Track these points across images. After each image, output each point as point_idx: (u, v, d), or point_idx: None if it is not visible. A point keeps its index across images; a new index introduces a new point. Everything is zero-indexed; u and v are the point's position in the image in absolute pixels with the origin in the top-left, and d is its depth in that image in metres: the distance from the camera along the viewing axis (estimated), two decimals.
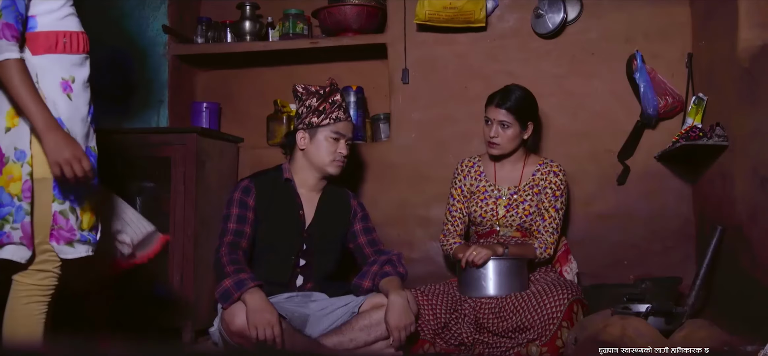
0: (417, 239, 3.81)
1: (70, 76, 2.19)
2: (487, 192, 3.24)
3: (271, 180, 3.07)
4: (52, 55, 2.15)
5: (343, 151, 3.05)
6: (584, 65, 3.69)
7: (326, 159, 3.02)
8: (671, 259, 3.59)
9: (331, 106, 3.03)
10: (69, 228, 2.16)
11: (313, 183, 3.09)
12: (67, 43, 2.18)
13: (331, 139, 3.02)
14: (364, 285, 2.96)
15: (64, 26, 2.18)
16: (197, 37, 4.04)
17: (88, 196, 2.23)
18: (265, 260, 2.99)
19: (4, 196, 2.10)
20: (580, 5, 3.68)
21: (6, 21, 2.05)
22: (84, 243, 2.21)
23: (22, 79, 2.04)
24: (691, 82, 3.52)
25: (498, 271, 2.97)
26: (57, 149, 2.05)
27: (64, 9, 2.19)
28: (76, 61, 2.21)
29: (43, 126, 2.05)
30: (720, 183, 3.16)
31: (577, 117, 3.70)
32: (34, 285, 2.16)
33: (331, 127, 3.02)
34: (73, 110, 2.18)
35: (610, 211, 3.65)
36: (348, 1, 3.81)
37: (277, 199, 3.03)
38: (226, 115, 4.21)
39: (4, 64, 2.04)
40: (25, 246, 2.11)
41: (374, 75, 4.11)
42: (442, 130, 3.80)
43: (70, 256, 2.19)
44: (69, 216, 2.17)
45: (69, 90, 2.18)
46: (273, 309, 2.65)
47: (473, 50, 3.79)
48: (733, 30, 2.95)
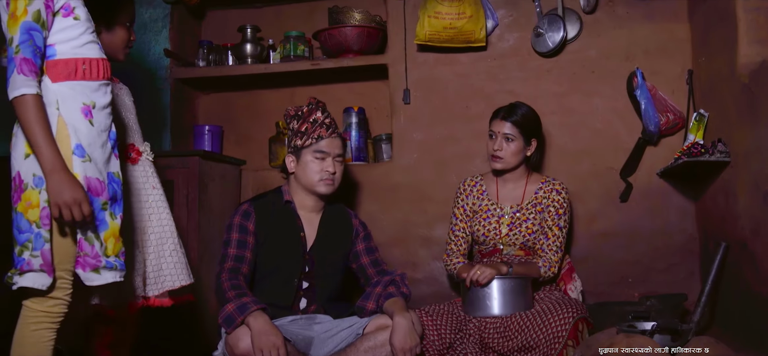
0: (420, 259, 3.81)
1: (91, 101, 2.21)
2: (489, 210, 3.24)
3: (271, 202, 3.07)
4: (71, 81, 2.17)
5: (329, 168, 3.00)
6: (585, 83, 3.71)
7: (314, 178, 3.01)
8: (675, 276, 3.59)
9: (312, 126, 3.02)
10: (94, 255, 2.18)
11: (311, 204, 3.08)
12: (87, 70, 2.20)
13: (316, 159, 3.00)
14: (368, 307, 2.94)
15: (83, 53, 2.20)
16: (199, 61, 4.06)
17: (113, 220, 2.25)
18: (268, 283, 2.97)
19: (23, 223, 2.11)
20: (579, 24, 3.70)
21: (24, 56, 2.07)
22: (110, 269, 2.22)
23: (36, 116, 2.06)
24: (692, 99, 3.52)
25: (502, 290, 2.96)
26: (58, 191, 2.06)
27: (84, 37, 2.21)
28: (95, 87, 2.23)
29: (49, 166, 2.06)
30: (723, 199, 3.16)
31: (578, 135, 3.70)
32: (43, 311, 2.16)
33: (313, 147, 3.01)
34: (94, 136, 2.20)
35: (614, 229, 3.65)
36: (348, 23, 3.83)
37: (278, 222, 3.03)
38: (228, 138, 4.23)
39: (21, 99, 2.05)
40: (46, 273, 2.11)
41: (375, 95, 4.13)
42: (444, 149, 3.81)
43: (96, 283, 2.20)
44: (94, 242, 2.18)
45: (90, 116, 2.20)
46: (278, 332, 2.64)
47: (474, 70, 3.81)
48: (732, 46, 2.97)
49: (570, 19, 3.70)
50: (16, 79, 2.05)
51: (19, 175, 2.13)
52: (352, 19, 3.84)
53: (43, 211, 2.10)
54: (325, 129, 3.01)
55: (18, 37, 2.06)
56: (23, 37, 2.07)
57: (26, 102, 2.05)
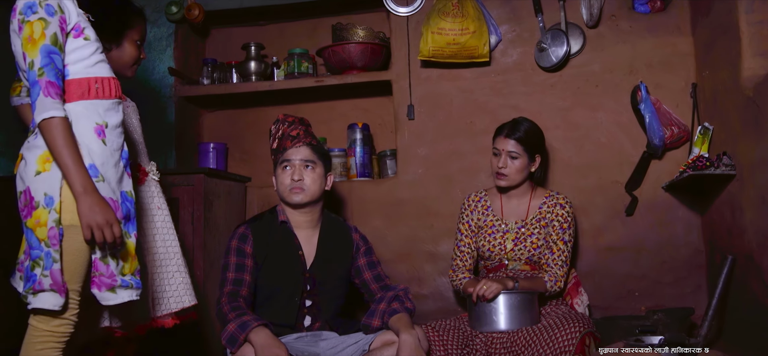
0: (426, 275, 3.80)
1: (104, 121, 2.22)
2: (494, 226, 3.23)
3: (268, 223, 3.06)
4: (85, 101, 2.18)
5: (294, 176, 2.98)
6: (589, 97, 3.71)
7: (285, 190, 3.01)
8: (682, 289, 3.58)
9: (280, 140, 3.03)
10: (110, 274, 2.18)
11: (304, 221, 3.06)
12: (100, 89, 2.21)
13: (284, 170, 3.01)
14: (373, 324, 2.93)
15: (95, 72, 2.21)
16: (203, 79, 4.07)
17: (128, 239, 2.25)
18: (270, 303, 2.96)
19: (33, 239, 2.11)
20: (582, 38, 3.71)
21: (49, 79, 2.08)
22: (126, 288, 2.22)
23: (65, 139, 2.07)
24: (696, 112, 3.52)
25: (509, 305, 2.95)
26: (91, 213, 2.07)
27: (95, 56, 2.22)
28: (108, 106, 2.24)
29: (80, 189, 2.07)
30: (729, 212, 3.16)
31: (583, 149, 3.70)
32: (49, 331, 2.15)
33: (280, 159, 3.02)
34: (107, 155, 2.21)
35: (620, 243, 3.64)
36: (352, 40, 3.84)
37: (275, 242, 3.02)
38: (233, 155, 4.23)
39: (50, 122, 2.06)
40: (58, 293, 2.11)
41: (380, 111, 4.14)
42: (449, 164, 3.81)
43: (113, 302, 2.20)
44: (109, 261, 2.18)
45: (103, 135, 2.21)
46: (281, 344, 2.64)
47: (478, 85, 3.82)
48: (736, 59, 2.97)
49: (573, 34, 3.70)
50: (45, 102, 2.06)
51: (30, 191, 2.13)
52: (356, 36, 3.85)
53: (51, 231, 2.10)
54: (291, 140, 3.01)
55: (40, 60, 2.07)
56: (45, 60, 2.08)
57: (55, 125, 2.06)
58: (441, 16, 3.62)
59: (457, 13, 3.62)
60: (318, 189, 3.03)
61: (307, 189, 2.99)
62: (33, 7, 2.09)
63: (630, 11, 3.68)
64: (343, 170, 3.95)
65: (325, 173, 3.07)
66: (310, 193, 3.00)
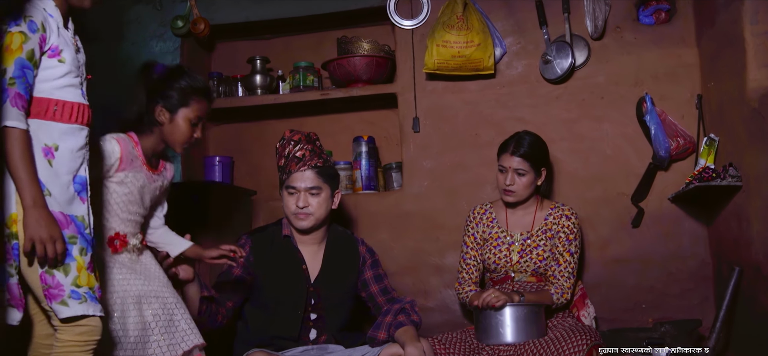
0: (432, 287, 3.80)
1: (54, 143, 2.16)
2: (500, 238, 3.23)
3: (270, 236, 3.06)
4: (39, 120, 2.14)
5: (300, 203, 2.96)
6: (594, 109, 3.71)
7: (290, 215, 3.01)
8: (689, 301, 3.56)
9: (286, 161, 3.01)
10: (57, 285, 2.10)
11: (308, 237, 3.05)
12: (58, 112, 2.16)
13: (290, 194, 2.99)
14: (379, 337, 2.93)
15: (60, 95, 2.17)
16: None
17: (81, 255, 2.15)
18: (272, 316, 2.96)
19: None
20: (587, 50, 3.71)
21: (18, 91, 2.05)
22: (79, 301, 2.11)
23: (23, 151, 2.04)
24: (702, 123, 3.52)
25: (515, 317, 2.94)
26: (37, 226, 2.03)
27: (65, 79, 2.18)
28: (65, 130, 2.18)
29: (30, 201, 2.04)
30: (735, 224, 3.15)
31: (588, 161, 3.70)
32: (71, 341, 2.12)
33: (286, 183, 3.00)
34: (53, 177, 2.14)
35: (626, 254, 3.63)
36: (357, 53, 3.85)
37: (277, 255, 3.02)
38: (238, 168, 4.24)
39: (12, 131, 2.03)
40: (15, 308, 2.08)
41: (385, 124, 4.15)
42: (455, 177, 3.81)
43: (65, 315, 2.10)
44: (54, 273, 2.10)
45: (50, 156, 2.15)
46: None
47: (483, 97, 3.82)
48: (741, 71, 2.97)
49: (578, 46, 3.71)
50: (10, 111, 2.03)
51: None
52: (361, 49, 3.87)
53: (6, 246, 2.06)
54: (296, 162, 2.98)
55: (12, 70, 2.05)
56: (17, 72, 2.05)
57: (16, 136, 2.03)
58: (446, 28, 3.63)
59: (461, 26, 3.62)
60: (324, 213, 3.02)
61: (313, 214, 2.98)
62: (18, 21, 2.07)
63: (635, 23, 3.69)
64: (349, 183, 3.96)
65: (331, 194, 3.05)
66: (315, 218, 2.99)
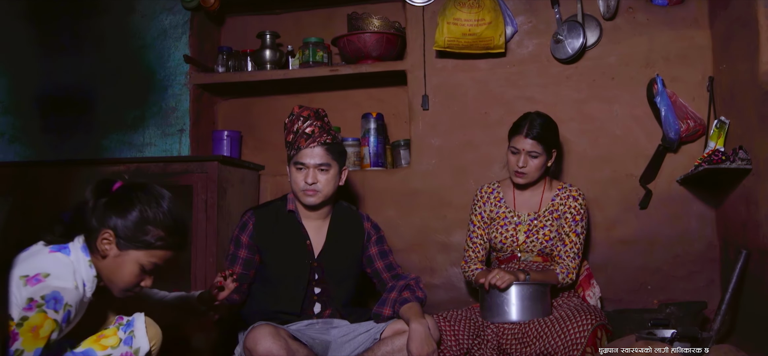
0: (438, 265, 3.80)
1: None
2: (507, 218, 3.23)
3: (275, 211, 3.07)
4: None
5: (308, 179, 2.95)
6: (604, 90, 3.69)
7: (298, 191, 3.00)
8: (695, 284, 3.56)
9: (294, 136, 3.00)
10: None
11: (314, 213, 3.05)
12: None
13: (298, 170, 2.99)
14: (384, 313, 2.94)
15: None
16: (218, 67, 4.08)
17: None
18: (277, 290, 2.98)
19: None
20: (599, 30, 3.69)
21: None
22: None
23: None
24: (713, 106, 3.50)
25: (521, 296, 2.95)
26: None
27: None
28: None
29: None
30: (744, 207, 3.13)
31: (597, 141, 3.69)
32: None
33: (294, 159, 3.00)
34: None
35: (633, 236, 3.62)
36: (367, 29, 3.84)
37: (281, 230, 3.03)
38: (247, 143, 4.25)
39: None
40: None
41: (394, 101, 4.14)
42: (463, 155, 3.81)
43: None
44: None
45: None
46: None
47: (493, 76, 3.80)
48: (753, 53, 2.94)
49: (590, 26, 3.68)
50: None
51: None
52: (371, 26, 3.85)
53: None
54: (305, 138, 2.97)
55: (29, 353, 1.90)
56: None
57: None
58: (457, 6, 3.61)
59: (473, 4, 3.61)
60: (332, 190, 3.02)
61: (321, 191, 2.98)
62: (58, 303, 1.94)
63: (647, 3, 3.66)
64: (357, 160, 3.96)
65: (339, 171, 3.05)
66: (323, 195, 2.99)
